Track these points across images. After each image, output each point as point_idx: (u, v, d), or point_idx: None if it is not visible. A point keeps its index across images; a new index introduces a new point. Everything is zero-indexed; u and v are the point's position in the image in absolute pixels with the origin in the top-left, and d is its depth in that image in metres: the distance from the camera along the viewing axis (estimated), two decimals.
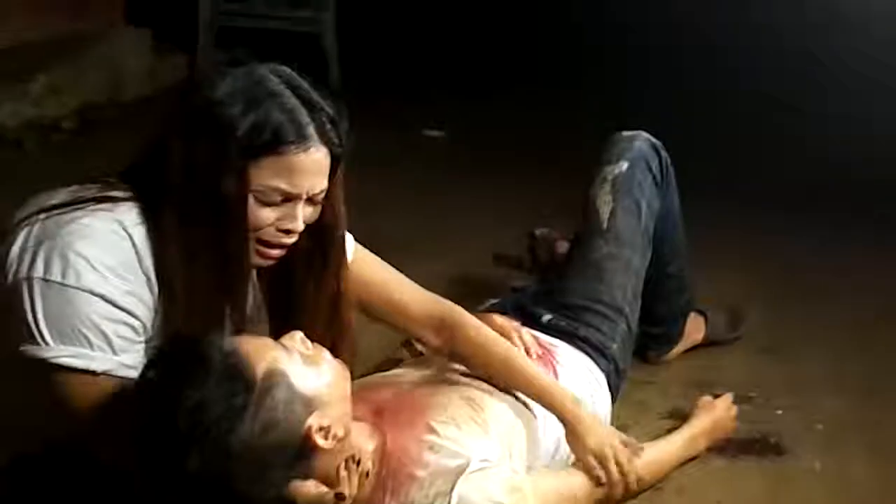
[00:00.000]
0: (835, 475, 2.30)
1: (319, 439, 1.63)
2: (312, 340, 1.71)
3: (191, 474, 1.53)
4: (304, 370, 1.64)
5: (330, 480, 1.68)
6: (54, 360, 1.64)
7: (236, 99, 1.67)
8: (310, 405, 1.62)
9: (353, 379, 1.78)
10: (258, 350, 1.62)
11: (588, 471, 1.99)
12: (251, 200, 1.69)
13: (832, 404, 2.59)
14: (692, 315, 2.81)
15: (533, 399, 2.04)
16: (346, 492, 1.70)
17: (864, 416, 2.55)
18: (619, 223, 2.44)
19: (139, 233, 1.69)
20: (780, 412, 2.56)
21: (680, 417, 2.43)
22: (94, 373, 1.65)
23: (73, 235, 1.65)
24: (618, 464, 2.00)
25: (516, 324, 2.23)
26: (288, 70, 1.74)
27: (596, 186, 2.50)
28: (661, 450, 2.24)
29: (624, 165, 2.50)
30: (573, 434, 2.02)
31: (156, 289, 1.70)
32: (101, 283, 1.64)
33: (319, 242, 1.85)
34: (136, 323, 1.69)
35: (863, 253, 3.62)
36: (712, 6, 6.25)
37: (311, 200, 1.75)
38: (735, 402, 2.55)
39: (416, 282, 2.11)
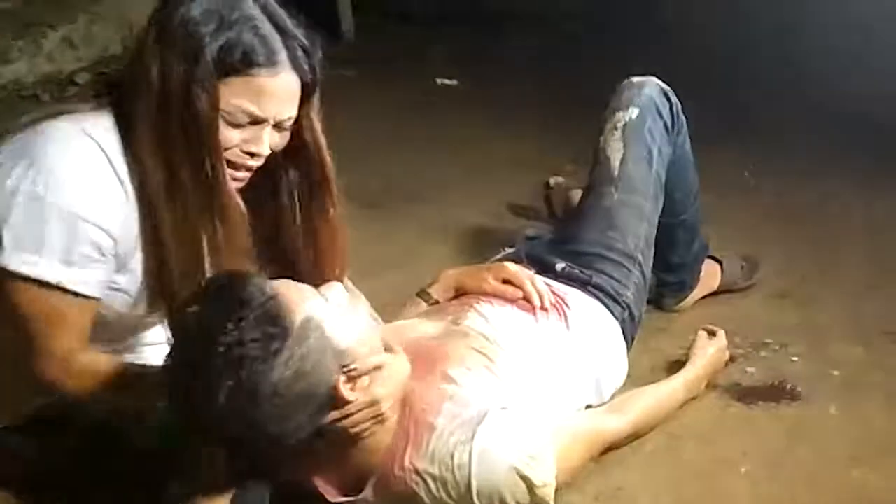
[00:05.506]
0: (851, 420, 2.29)
1: (346, 392, 1.67)
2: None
3: (218, 409, 1.56)
4: (340, 322, 1.67)
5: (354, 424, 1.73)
6: (6, 266, 1.64)
7: (210, 18, 1.68)
8: (341, 358, 1.66)
9: None
10: (298, 296, 1.64)
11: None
12: (219, 120, 1.70)
13: (848, 350, 2.58)
14: (707, 262, 2.80)
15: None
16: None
17: (880, 360, 2.54)
18: (629, 170, 2.43)
19: (110, 139, 1.71)
20: (795, 359, 2.54)
21: None
22: (47, 284, 1.66)
23: (46, 144, 1.67)
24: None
25: (530, 272, 2.24)
26: None
27: (606, 133, 2.48)
28: (664, 392, 2.26)
29: (634, 112, 2.47)
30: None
31: (131, 195, 1.71)
32: (71, 193, 1.65)
33: (305, 174, 1.89)
34: (104, 240, 1.69)
35: (880, 195, 3.58)
36: None
37: (278, 126, 1.76)
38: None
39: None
